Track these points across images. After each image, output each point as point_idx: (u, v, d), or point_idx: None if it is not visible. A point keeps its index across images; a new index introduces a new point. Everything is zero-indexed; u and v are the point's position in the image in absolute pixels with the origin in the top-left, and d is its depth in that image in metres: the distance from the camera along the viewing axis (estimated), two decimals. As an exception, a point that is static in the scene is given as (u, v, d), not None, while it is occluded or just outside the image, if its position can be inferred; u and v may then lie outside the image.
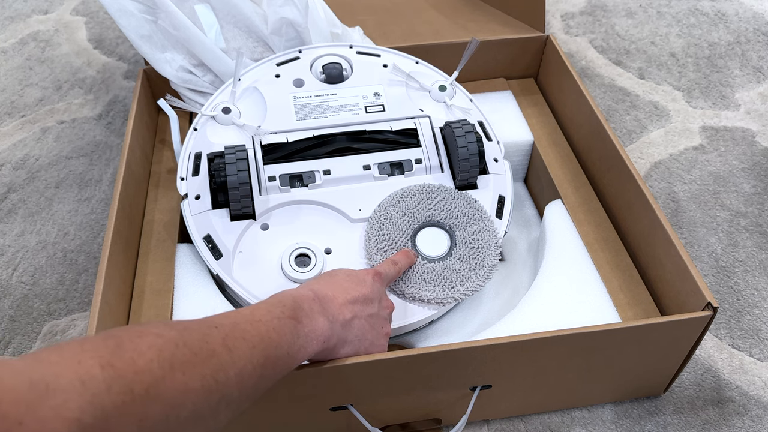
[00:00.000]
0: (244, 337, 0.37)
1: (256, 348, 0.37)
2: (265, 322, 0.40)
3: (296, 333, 0.41)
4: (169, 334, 0.33)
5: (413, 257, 0.59)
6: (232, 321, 0.38)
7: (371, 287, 0.50)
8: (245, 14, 0.72)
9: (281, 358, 0.40)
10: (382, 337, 0.51)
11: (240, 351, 0.36)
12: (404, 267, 0.57)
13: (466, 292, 0.58)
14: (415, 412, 0.57)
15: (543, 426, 0.60)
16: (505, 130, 0.75)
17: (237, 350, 0.36)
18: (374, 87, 0.69)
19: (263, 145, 0.64)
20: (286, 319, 0.41)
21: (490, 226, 0.61)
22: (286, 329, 0.41)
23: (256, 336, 0.38)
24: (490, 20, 0.89)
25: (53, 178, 0.85)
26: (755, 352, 0.65)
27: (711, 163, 0.86)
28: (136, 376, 0.30)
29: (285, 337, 0.40)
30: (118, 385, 0.28)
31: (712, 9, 1.15)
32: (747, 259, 0.73)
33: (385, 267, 0.55)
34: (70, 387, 0.27)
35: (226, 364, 0.35)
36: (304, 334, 0.42)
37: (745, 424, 0.59)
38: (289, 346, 0.40)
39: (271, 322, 0.40)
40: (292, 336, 0.41)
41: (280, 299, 0.43)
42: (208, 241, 0.60)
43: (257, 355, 0.37)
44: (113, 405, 0.28)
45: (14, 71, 1.03)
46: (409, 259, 0.58)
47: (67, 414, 0.26)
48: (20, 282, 0.72)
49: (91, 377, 0.28)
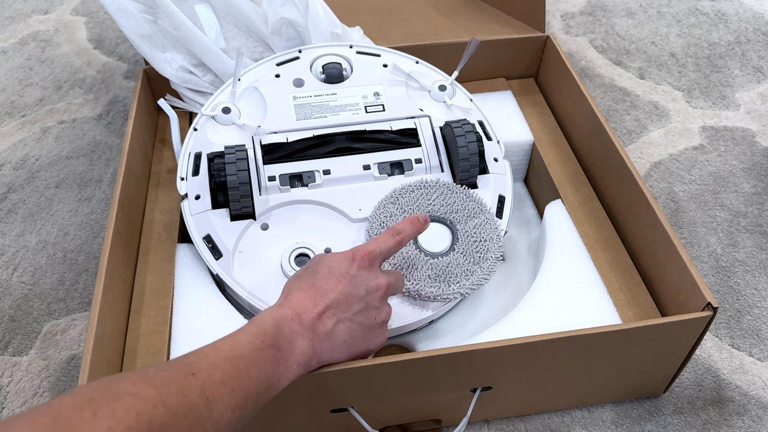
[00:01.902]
0: (223, 381, 0.37)
1: (236, 390, 0.37)
2: (245, 357, 0.39)
3: (276, 362, 0.41)
4: (147, 393, 0.33)
5: (421, 223, 0.53)
6: (210, 363, 0.38)
7: (353, 279, 0.48)
8: (245, 14, 0.72)
9: (261, 392, 0.40)
10: (377, 329, 0.49)
11: (218, 399, 0.36)
12: (410, 236, 0.53)
13: (472, 287, 0.58)
14: (416, 413, 0.57)
15: (543, 426, 0.60)
16: (505, 130, 0.75)
17: (215, 399, 0.36)
18: (374, 87, 0.69)
19: (263, 145, 0.64)
20: (266, 348, 0.41)
21: (491, 219, 0.61)
22: (266, 360, 0.41)
23: (235, 377, 0.38)
24: (490, 20, 0.89)
25: (53, 178, 0.85)
26: (755, 352, 0.65)
27: (711, 163, 0.86)
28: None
29: (265, 369, 0.40)
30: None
31: (712, 9, 1.15)
32: (747, 259, 0.73)
33: (379, 242, 0.51)
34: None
35: (203, 417, 0.35)
36: (284, 360, 0.42)
37: (745, 424, 0.60)
38: (269, 378, 0.40)
39: (251, 355, 0.40)
40: (272, 366, 0.41)
41: (261, 326, 0.43)
42: (208, 241, 0.60)
43: (237, 397, 0.37)
44: None
45: (14, 71, 1.03)
46: (416, 227, 0.53)
47: None
48: (20, 282, 0.72)
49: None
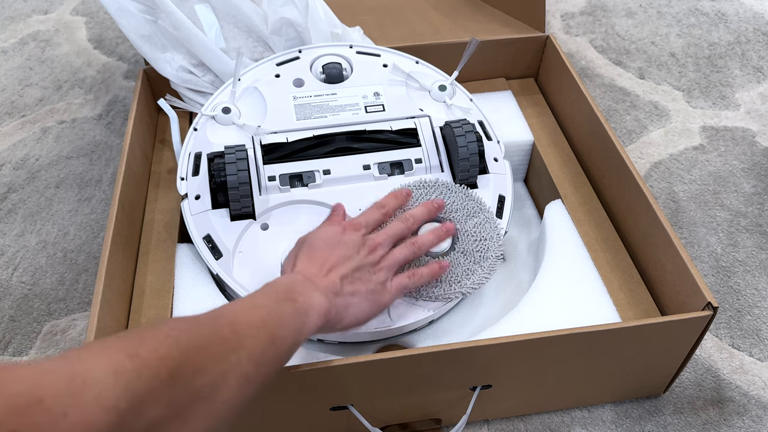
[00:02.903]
0: (248, 323, 0.40)
1: (261, 329, 0.40)
2: (265, 307, 0.43)
3: (295, 311, 0.44)
4: (182, 325, 0.37)
5: (404, 196, 0.58)
6: (233, 311, 0.41)
7: (345, 243, 0.51)
8: (245, 14, 0.72)
9: (286, 334, 0.42)
10: (379, 284, 0.51)
11: (246, 333, 0.39)
12: (393, 209, 0.57)
13: (473, 286, 0.58)
14: (415, 411, 0.57)
15: (543, 426, 0.60)
16: (505, 130, 0.75)
17: (243, 333, 0.39)
18: (374, 87, 0.69)
19: (263, 145, 0.64)
20: (282, 301, 0.44)
21: (491, 218, 0.61)
22: (285, 310, 0.43)
23: (259, 319, 0.41)
24: (490, 20, 0.89)
25: (53, 178, 0.85)
26: (755, 352, 0.65)
27: (711, 163, 0.86)
28: (160, 362, 0.32)
29: (285, 317, 0.43)
30: (146, 371, 0.31)
31: (712, 9, 1.15)
32: (747, 259, 0.73)
33: (366, 216, 0.55)
34: (105, 378, 0.29)
35: (235, 346, 0.38)
36: (303, 311, 0.44)
37: (745, 424, 0.59)
38: (292, 324, 0.43)
39: (269, 306, 0.43)
40: (292, 315, 0.43)
41: (274, 286, 0.46)
42: (208, 241, 0.60)
43: (263, 335, 0.40)
44: (144, 390, 0.30)
45: (14, 71, 1.03)
46: (399, 200, 0.57)
47: (105, 403, 0.28)
48: (20, 282, 0.72)
49: (121, 368, 0.30)
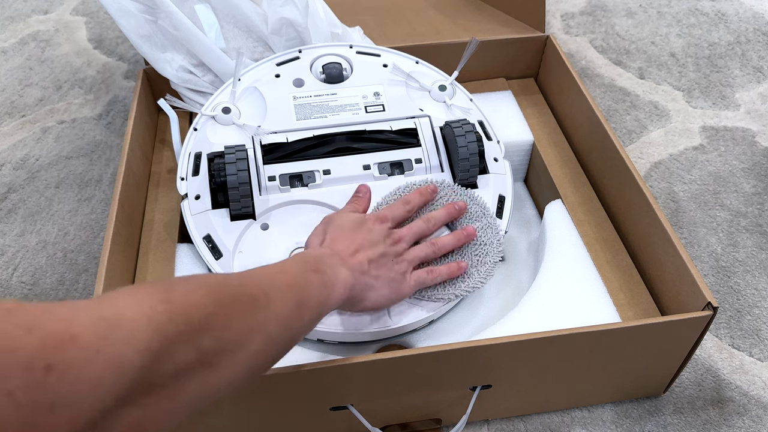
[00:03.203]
0: (275, 285, 0.41)
1: (287, 293, 0.41)
2: (293, 274, 0.44)
3: (322, 283, 0.45)
4: (213, 279, 0.38)
5: (429, 194, 0.60)
6: (261, 274, 0.42)
7: (371, 230, 0.53)
8: (245, 14, 0.72)
9: (312, 303, 0.43)
10: (400, 275, 0.53)
11: (273, 295, 0.40)
12: (417, 206, 0.59)
13: (468, 289, 0.58)
14: (415, 411, 0.57)
15: (543, 426, 0.60)
16: (505, 130, 0.75)
17: (271, 294, 0.40)
18: (374, 87, 0.69)
19: (263, 145, 0.64)
20: (310, 272, 0.45)
21: (493, 223, 0.61)
22: (312, 280, 0.44)
23: (285, 284, 0.42)
24: (490, 20, 0.89)
25: (53, 178, 0.85)
26: (755, 352, 0.65)
27: (711, 163, 0.86)
28: (192, 309, 0.33)
29: (312, 286, 0.44)
30: (178, 316, 0.32)
31: (712, 9, 1.15)
32: (747, 259, 0.73)
33: (392, 210, 0.57)
34: (138, 320, 0.30)
35: (263, 305, 0.39)
36: (330, 284, 0.46)
37: (745, 424, 0.59)
38: (318, 294, 0.44)
39: (297, 274, 0.44)
40: (318, 285, 0.45)
41: (303, 257, 0.47)
42: (208, 241, 0.60)
43: (289, 298, 0.41)
44: (175, 333, 0.31)
45: (14, 71, 1.03)
46: (424, 197, 0.59)
47: (137, 344, 0.29)
48: (20, 282, 0.72)
49: (154, 311, 0.31)
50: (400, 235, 0.55)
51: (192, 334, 0.32)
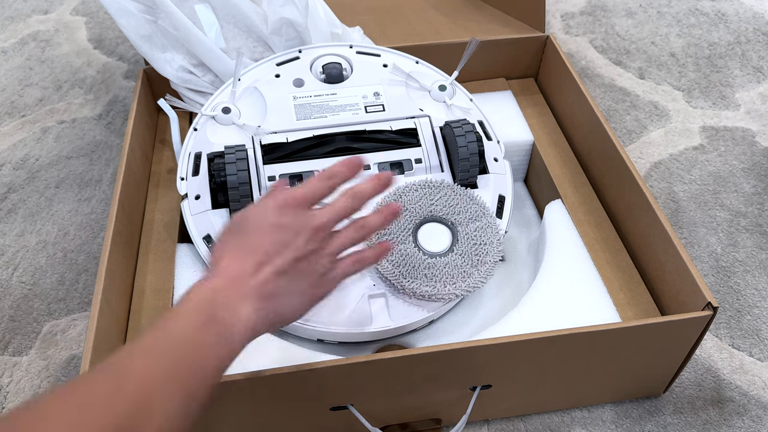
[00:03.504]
0: (158, 375, 0.35)
1: (173, 383, 0.36)
2: (179, 347, 0.37)
3: (218, 337, 0.39)
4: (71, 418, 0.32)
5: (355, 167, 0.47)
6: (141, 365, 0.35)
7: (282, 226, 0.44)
8: (245, 14, 0.72)
9: (208, 370, 0.38)
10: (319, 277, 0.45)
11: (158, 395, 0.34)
12: (342, 181, 0.46)
13: (468, 289, 0.58)
14: (415, 411, 0.57)
15: (543, 426, 0.60)
16: (505, 130, 0.75)
17: (155, 397, 0.34)
18: (374, 87, 0.69)
19: (263, 145, 0.64)
20: (203, 326, 0.39)
21: (493, 223, 0.61)
22: (207, 340, 0.38)
23: (171, 367, 0.36)
24: (490, 20, 0.89)
25: (53, 178, 0.85)
26: (755, 352, 0.65)
27: (711, 163, 0.86)
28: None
29: (208, 348, 0.38)
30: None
31: (712, 9, 1.15)
32: (747, 259, 0.73)
33: (308, 185, 0.45)
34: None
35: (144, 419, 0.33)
36: (229, 334, 0.40)
37: (745, 424, 0.59)
38: (214, 354, 0.39)
39: (187, 338, 0.38)
40: (215, 345, 0.39)
41: (196, 304, 0.40)
42: (208, 241, 0.60)
43: (177, 390, 0.36)
44: None
45: (14, 71, 1.03)
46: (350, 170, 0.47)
47: None
48: (20, 282, 0.72)
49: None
50: (320, 223, 0.44)
51: None
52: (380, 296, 0.58)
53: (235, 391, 0.48)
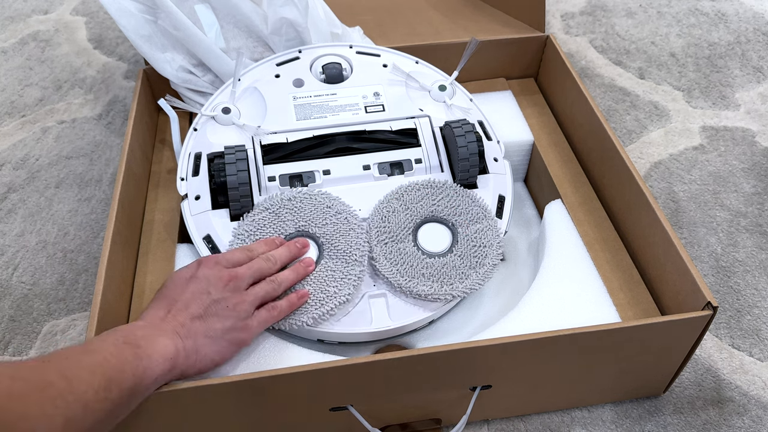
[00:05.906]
0: (80, 366, 0.40)
1: (96, 373, 0.40)
2: (100, 353, 0.42)
3: (137, 356, 0.43)
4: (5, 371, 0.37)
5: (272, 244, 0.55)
6: (63, 356, 0.41)
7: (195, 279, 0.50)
8: (245, 14, 0.72)
9: (126, 380, 0.42)
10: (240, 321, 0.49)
11: (78, 378, 0.39)
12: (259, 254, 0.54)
13: (465, 290, 0.58)
14: (415, 412, 0.57)
15: (543, 426, 0.60)
16: (505, 130, 0.75)
17: (75, 378, 0.39)
18: (374, 87, 0.69)
19: (263, 145, 0.64)
20: (122, 345, 0.43)
21: (494, 225, 0.61)
22: (125, 354, 0.43)
23: (94, 363, 0.41)
24: (490, 20, 0.89)
25: (53, 178, 0.85)
26: (755, 352, 0.65)
27: (711, 163, 0.86)
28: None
29: (126, 362, 0.42)
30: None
31: (712, 9, 1.15)
32: (747, 259, 0.73)
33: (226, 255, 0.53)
34: None
35: (63, 390, 0.38)
36: (146, 356, 0.43)
37: (745, 424, 0.60)
38: (133, 369, 0.42)
39: (107, 349, 0.42)
40: (133, 360, 0.43)
41: (113, 332, 0.45)
42: (208, 241, 0.60)
43: (98, 379, 0.40)
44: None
45: (14, 71, 1.03)
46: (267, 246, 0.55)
47: None
48: (20, 282, 0.72)
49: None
50: (237, 274, 0.51)
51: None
52: (380, 296, 0.58)
53: (235, 392, 0.48)
